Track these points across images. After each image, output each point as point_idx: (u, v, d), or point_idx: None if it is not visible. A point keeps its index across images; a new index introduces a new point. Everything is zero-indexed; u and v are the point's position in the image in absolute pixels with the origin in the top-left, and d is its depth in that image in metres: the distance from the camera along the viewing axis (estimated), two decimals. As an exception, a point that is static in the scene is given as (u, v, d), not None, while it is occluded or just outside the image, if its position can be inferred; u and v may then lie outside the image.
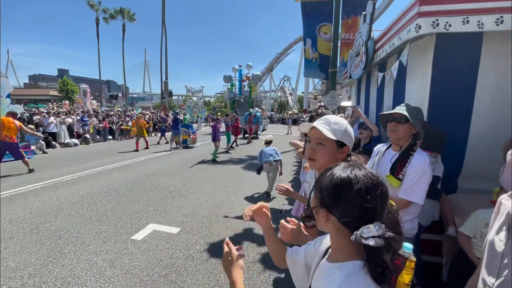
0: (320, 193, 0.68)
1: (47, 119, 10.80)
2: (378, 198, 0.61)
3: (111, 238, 3.16)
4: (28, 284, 2.31)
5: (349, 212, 0.62)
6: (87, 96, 36.41)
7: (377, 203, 0.61)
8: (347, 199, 0.62)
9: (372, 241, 0.57)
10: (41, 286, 2.29)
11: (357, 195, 0.61)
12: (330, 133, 1.00)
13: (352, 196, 0.61)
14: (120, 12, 34.24)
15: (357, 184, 0.61)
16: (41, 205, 4.15)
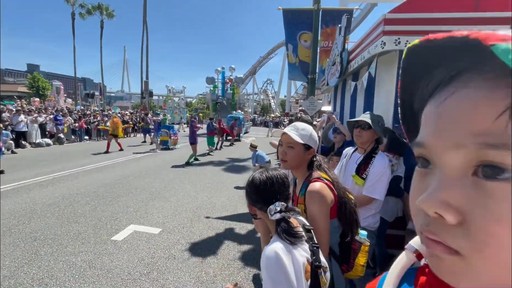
0: (245, 194, 0.99)
1: (17, 117, 10.22)
2: (274, 187, 0.92)
3: (90, 239, 3.14)
4: (3, 286, 2.27)
5: (258, 200, 0.94)
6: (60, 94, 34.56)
7: (274, 190, 0.92)
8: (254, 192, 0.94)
9: (278, 215, 0.86)
10: (17, 287, 2.26)
11: (258, 188, 0.93)
12: (298, 137, 1.17)
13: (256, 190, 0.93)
14: (98, 8, 33.04)
15: (256, 182, 0.94)
16: (13, 207, 3.99)
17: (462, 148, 0.20)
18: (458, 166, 0.21)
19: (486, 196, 0.19)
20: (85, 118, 14.21)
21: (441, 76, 0.23)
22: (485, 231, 0.19)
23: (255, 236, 3.47)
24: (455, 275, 0.21)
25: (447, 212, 0.20)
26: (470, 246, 0.20)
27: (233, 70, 24.63)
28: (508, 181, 0.18)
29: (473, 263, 0.20)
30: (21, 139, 10.23)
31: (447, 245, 0.21)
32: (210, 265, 2.75)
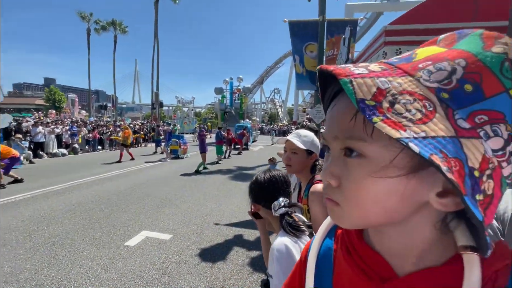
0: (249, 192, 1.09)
1: (35, 129, 10.70)
2: (277, 185, 1.02)
3: (105, 244, 3.26)
4: (26, 287, 2.40)
5: (263, 197, 1.02)
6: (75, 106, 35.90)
7: (277, 187, 1.01)
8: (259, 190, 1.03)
9: (282, 209, 0.94)
10: (38, 289, 2.38)
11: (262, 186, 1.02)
12: (300, 144, 1.26)
13: (261, 187, 1.02)
14: (112, 24, 34.53)
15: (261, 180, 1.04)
16: (32, 214, 4.19)
17: (337, 139, 0.32)
18: (337, 150, 0.32)
19: (347, 167, 0.31)
20: (98, 129, 14.70)
21: (331, 92, 0.34)
22: (347, 188, 0.31)
23: (263, 243, 3.52)
24: (339, 219, 0.33)
25: (331, 178, 0.32)
26: (342, 198, 0.31)
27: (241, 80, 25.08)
28: (357, 158, 0.30)
29: (344, 209, 0.32)
30: (39, 150, 10.67)
31: (333, 199, 0.33)
32: (220, 270, 2.81)
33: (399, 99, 0.25)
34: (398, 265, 0.33)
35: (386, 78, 0.27)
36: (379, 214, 0.30)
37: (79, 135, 12.79)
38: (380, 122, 0.24)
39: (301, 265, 0.48)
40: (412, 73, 0.27)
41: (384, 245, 0.35)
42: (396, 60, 0.31)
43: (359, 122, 0.28)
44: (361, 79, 0.27)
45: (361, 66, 0.29)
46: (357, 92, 0.26)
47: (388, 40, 2.37)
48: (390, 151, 0.27)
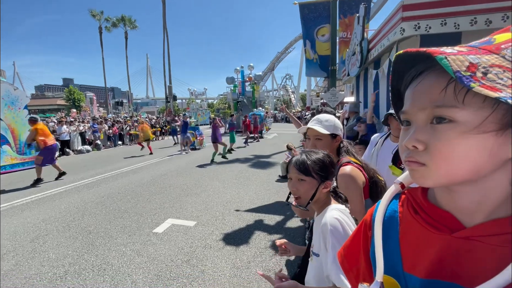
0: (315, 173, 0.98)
1: (61, 128, 11.27)
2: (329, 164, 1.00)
3: (135, 232, 3.49)
4: (70, 271, 2.64)
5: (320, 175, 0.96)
6: (93, 104, 37.18)
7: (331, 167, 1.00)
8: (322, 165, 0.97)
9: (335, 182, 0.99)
10: (81, 272, 2.62)
11: (324, 162, 0.97)
12: (324, 129, 1.27)
13: (323, 163, 0.97)
14: (122, 20, 34.87)
15: (324, 158, 0.98)
16: (68, 206, 4.52)
17: (425, 109, 0.36)
18: (424, 120, 0.37)
19: (437, 132, 0.35)
20: (118, 125, 15.23)
21: (415, 72, 0.39)
22: (436, 148, 0.35)
23: (283, 226, 3.62)
24: (423, 178, 0.37)
25: (418, 143, 0.36)
26: (429, 158, 0.35)
27: (252, 68, 24.80)
28: (447, 123, 0.34)
29: (431, 168, 0.36)
30: (65, 147, 11.28)
31: (419, 161, 0.36)
32: (244, 253, 2.95)
33: (490, 70, 0.30)
34: (466, 220, 0.38)
35: (475, 55, 0.32)
36: (467, 170, 0.34)
37: (100, 132, 13.34)
38: (477, 86, 0.29)
39: (365, 227, 0.52)
40: (497, 52, 0.32)
41: (453, 203, 0.39)
42: (477, 43, 0.35)
43: (449, 93, 0.33)
44: (454, 56, 0.32)
45: (448, 48, 0.34)
46: (452, 65, 0.30)
47: (406, 16, 2.28)
48: (482, 112, 0.32)
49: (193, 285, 2.41)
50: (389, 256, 0.44)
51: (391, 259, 0.44)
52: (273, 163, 8.14)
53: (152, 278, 2.51)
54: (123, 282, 2.45)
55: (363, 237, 0.52)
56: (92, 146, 12.56)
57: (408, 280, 0.41)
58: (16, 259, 2.89)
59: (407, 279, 0.41)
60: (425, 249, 0.40)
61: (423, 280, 0.39)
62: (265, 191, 5.19)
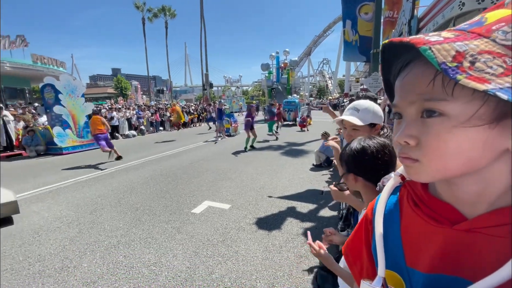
0: (345, 163, 0.92)
1: (111, 114, 12.41)
2: (387, 156, 0.85)
3: (176, 211, 3.78)
4: (121, 242, 2.99)
5: (369, 171, 0.86)
6: (138, 92, 39.97)
7: (387, 160, 0.85)
8: (366, 162, 0.86)
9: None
10: (130, 243, 2.95)
11: (371, 158, 0.85)
12: (359, 121, 1.16)
13: (368, 159, 0.85)
14: (162, 10, 36.25)
15: (369, 150, 0.85)
16: (118, 185, 5.05)
17: (413, 103, 0.34)
18: (413, 114, 0.35)
19: (428, 126, 0.33)
20: (159, 111, 16.25)
21: (402, 63, 0.36)
22: (428, 144, 0.33)
23: (316, 215, 3.60)
24: (417, 173, 0.36)
25: (410, 139, 0.35)
26: (422, 154, 0.34)
27: (287, 54, 24.19)
28: (437, 117, 0.32)
29: (425, 164, 0.34)
30: (115, 132, 12.43)
31: (412, 157, 0.35)
32: (276, 237, 3.02)
33: (479, 58, 0.28)
34: (467, 211, 0.36)
35: (462, 42, 0.29)
36: (461, 164, 0.32)
37: (144, 119, 14.39)
38: (464, 79, 0.27)
39: (367, 222, 0.51)
40: (487, 35, 0.29)
41: (454, 195, 0.37)
42: (466, 26, 0.32)
43: (437, 85, 0.31)
44: (439, 45, 0.29)
45: (434, 35, 0.31)
46: (437, 57, 0.28)
47: (466, -12, 2.00)
48: (473, 105, 0.30)
49: (227, 263, 2.56)
50: (391, 250, 0.43)
51: (393, 254, 0.43)
52: (307, 151, 8.02)
53: (190, 254, 2.72)
54: (165, 255, 2.70)
55: (365, 232, 0.51)
56: (137, 131, 13.65)
57: (412, 275, 0.41)
58: (79, 227, 3.35)
59: (410, 274, 0.41)
60: (426, 242, 0.39)
61: (426, 274, 0.38)
62: (298, 179, 5.17)
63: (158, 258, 2.66)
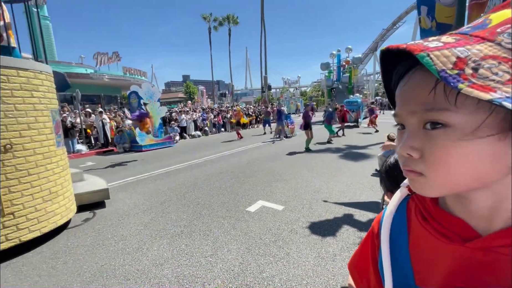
0: (382, 180, 0.84)
1: (180, 116, 13.88)
2: None
3: (232, 208, 3.99)
4: (184, 232, 3.32)
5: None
6: (203, 96, 43.62)
7: None
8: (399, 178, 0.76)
9: None
10: (191, 234, 3.25)
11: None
12: None
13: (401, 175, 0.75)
14: (227, 18, 38.69)
15: None
16: (183, 180, 5.62)
17: (415, 113, 0.32)
18: (415, 124, 0.32)
19: (431, 138, 0.31)
20: (221, 114, 17.39)
21: (401, 70, 0.34)
22: (432, 157, 0.31)
23: (377, 225, 3.30)
24: (423, 188, 0.33)
25: (412, 151, 0.32)
26: (426, 167, 0.32)
27: (350, 51, 22.80)
28: (441, 128, 0.30)
29: (430, 178, 0.32)
30: (183, 132, 13.86)
31: (415, 170, 0.33)
32: (330, 244, 2.89)
33: (482, 64, 0.26)
34: (481, 228, 0.34)
35: (464, 47, 0.27)
36: (470, 178, 0.30)
37: (208, 120, 15.62)
38: (466, 88, 0.24)
39: (373, 236, 0.49)
40: (491, 38, 0.27)
41: (465, 210, 0.35)
42: (469, 29, 0.30)
43: (439, 94, 0.29)
44: (438, 51, 0.27)
45: (433, 40, 0.29)
46: (436, 64, 0.26)
47: None
48: (479, 114, 0.28)
49: (278, 264, 2.57)
50: (399, 268, 0.41)
51: (401, 272, 0.41)
52: (369, 155, 7.40)
53: (243, 250, 2.84)
54: (221, 248, 2.89)
55: (371, 246, 0.49)
56: (201, 131, 14.91)
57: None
58: (151, 215, 3.86)
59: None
60: (437, 260, 0.37)
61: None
62: (357, 185, 4.82)
63: (214, 250, 2.86)
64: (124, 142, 10.58)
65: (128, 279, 2.43)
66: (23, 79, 2.98)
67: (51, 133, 3.32)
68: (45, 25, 31.62)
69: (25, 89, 2.99)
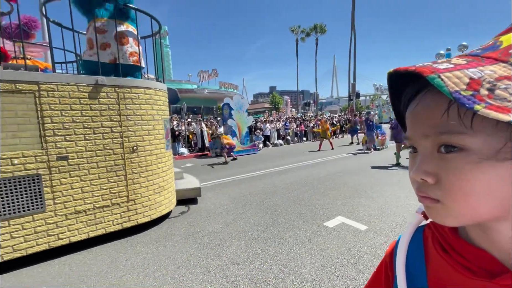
0: None
1: (265, 126, 14.63)
2: None
3: (308, 220, 3.88)
4: (261, 236, 3.45)
5: None
6: (288, 105, 44.59)
7: None
8: None
9: None
10: (267, 239, 3.34)
11: None
12: None
13: None
14: (314, 28, 38.68)
15: None
16: (264, 186, 5.86)
17: (428, 137, 0.31)
18: (428, 148, 0.31)
19: (447, 162, 0.29)
20: (304, 123, 17.31)
21: (411, 92, 0.33)
22: (449, 182, 0.29)
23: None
24: (440, 216, 0.31)
25: (427, 176, 0.30)
26: (443, 194, 0.30)
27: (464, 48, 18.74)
28: (457, 152, 0.28)
29: (448, 205, 0.30)
30: (267, 141, 14.51)
31: (431, 197, 0.31)
32: (425, 281, 2.40)
33: (498, 85, 0.25)
34: (508, 260, 0.31)
35: (476, 68, 0.27)
36: (491, 206, 0.28)
37: (290, 129, 15.83)
38: (483, 109, 0.23)
39: (386, 267, 0.47)
40: (505, 59, 0.27)
41: (489, 241, 0.32)
42: (479, 51, 0.29)
43: (453, 116, 0.28)
44: (449, 73, 0.26)
45: (443, 62, 0.29)
46: (448, 85, 0.25)
47: None
48: (498, 137, 0.26)
49: (357, 290, 2.32)
50: None
51: None
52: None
53: (317, 267, 2.70)
54: (294, 260, 2.84)
55: (385, 280, 0.47)
56: (283, 140, 15.22)
57: None
58: (233, 216, 4.19)
59: None
60: None
61: None
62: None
63: (288, 260, 2.84)
64: (217, 148, 11.96)
65: (210, 271, 2.71)
66: (147, 96, 3.83)
67: (163, 138, 4.12)
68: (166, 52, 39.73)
69: (148, 103, 3.84)
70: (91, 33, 3.60)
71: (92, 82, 3.30)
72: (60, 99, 3.10)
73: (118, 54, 3.67)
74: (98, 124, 3.37)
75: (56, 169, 3.09)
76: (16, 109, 2.86)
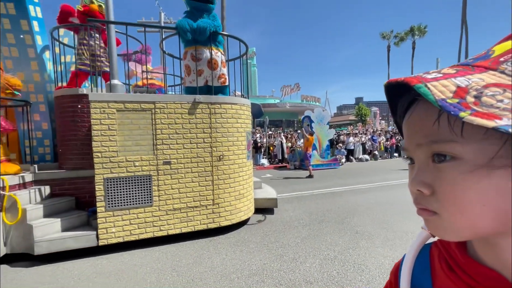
0: None
1: (348, 139, 13.70)
2: None
3: (397, 248, 3.36)
4: (338, 258, 3.20)
5: None
6: (376, 117, 40.47)
7: None
8: None
9: None
10: (345, 262, 3.07)
11: None
12: None
13: None
14: (410, 31, 34.30)
15: None
16: (343, 203, 5.45)
17: (421, 147, 0.31)
18: (423, 158, 0.31)
19: (441, 172, 0.29)
20: (395, 136, 15.28)
21: (405, 103, 0.33)
22: (443, 193, 0.29)
23: None
24: (439, 229, 0.31)
25: (423, 187, 0.30)
26: (440, 206, 0.29)
27: None
28: (450, 161, 0.28)
29: (445, 218, 0.29)
30: (350, 155, 13.51)
31: (429, 209, 0.30)
32: None
33: (485, 92, 0.25)
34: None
35: (464, 77, 0.27)
36: (491, 218, 0.27)
37: (379, 144, 14.24)
38: (468, 116, 0.23)
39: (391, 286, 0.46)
40: (494, 67, 0.27)
41: (497, 259, 0.31)
42: (471, 60, 0.30)
43: (443, 125, 0.28)
44: (436, 82, 0.27)
45: (433, 72, 0.29)
46: (435, 93, 0.25)
47: None
48: (489, 145, 0.26)
49: None
50: None
51: None
52: None
53: (407, 305, 2.29)
54: (377, 291, 2.50)
55: None
56: (370, 155, 13.81)
57: None
58: (309, 232, 4.06)
59: None
60: None
61: None
62: None
63: (368, 290, 2.53)
64: (295, 160, 11.96)
65: (281, 284, 2.69)
66: (233, 111, 4.26)
67: (245, 149, 4.46)
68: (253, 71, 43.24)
69: (234, 117, 4.26)
70: (188, 61, 4.31)
71: (191, 100, 3.94)
72: (168, 115, 3.83)
73: (211, 77, 4.26)
74: (194, 136, 3.96)
75: (162, 171, 3.79)
76: (139, 123, 3.70)
